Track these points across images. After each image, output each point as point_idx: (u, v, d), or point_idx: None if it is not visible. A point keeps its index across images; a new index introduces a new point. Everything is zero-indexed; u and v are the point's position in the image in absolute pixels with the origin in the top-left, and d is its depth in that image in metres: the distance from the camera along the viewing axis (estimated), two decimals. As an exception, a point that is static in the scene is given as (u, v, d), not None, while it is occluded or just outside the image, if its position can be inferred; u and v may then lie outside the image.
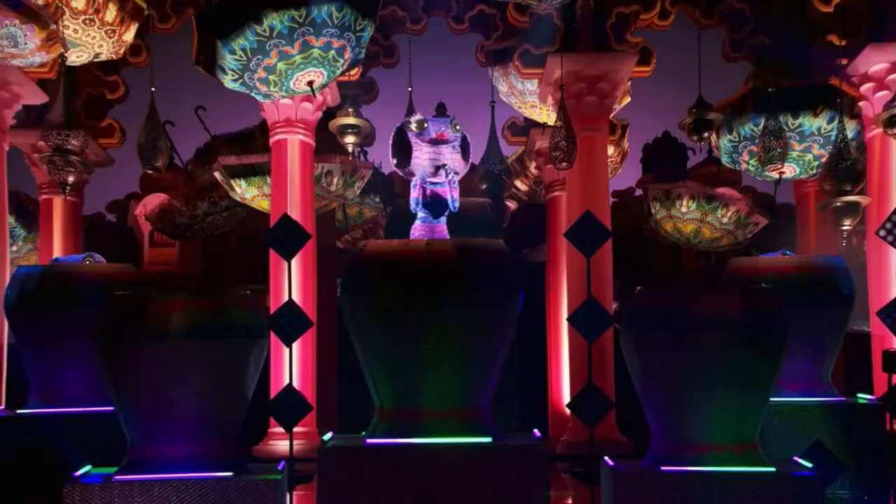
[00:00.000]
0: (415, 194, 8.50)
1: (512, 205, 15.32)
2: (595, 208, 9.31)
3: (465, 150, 8.77)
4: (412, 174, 8.53)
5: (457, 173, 8.82)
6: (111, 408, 7.64)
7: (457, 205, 8.66)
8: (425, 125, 8.47)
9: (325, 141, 11.86)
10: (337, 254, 13.55)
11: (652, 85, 12.22)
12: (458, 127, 8.72)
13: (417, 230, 8.57)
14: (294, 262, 8.00)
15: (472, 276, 7.86)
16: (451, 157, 8.60)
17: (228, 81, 8.47)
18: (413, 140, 8.45)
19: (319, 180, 11.42)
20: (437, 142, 8.58)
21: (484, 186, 13.18)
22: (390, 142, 8.51)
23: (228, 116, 13.25)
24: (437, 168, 8.56)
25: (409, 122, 8.52)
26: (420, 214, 8.62)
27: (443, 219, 8.65)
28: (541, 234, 14.45)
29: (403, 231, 8.71)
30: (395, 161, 8.61)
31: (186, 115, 12.29)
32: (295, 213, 10.58)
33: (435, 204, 8.45)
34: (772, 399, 7.68)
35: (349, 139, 11.72)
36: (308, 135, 11.24)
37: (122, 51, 9.96)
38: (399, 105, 11.95)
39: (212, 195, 12.01)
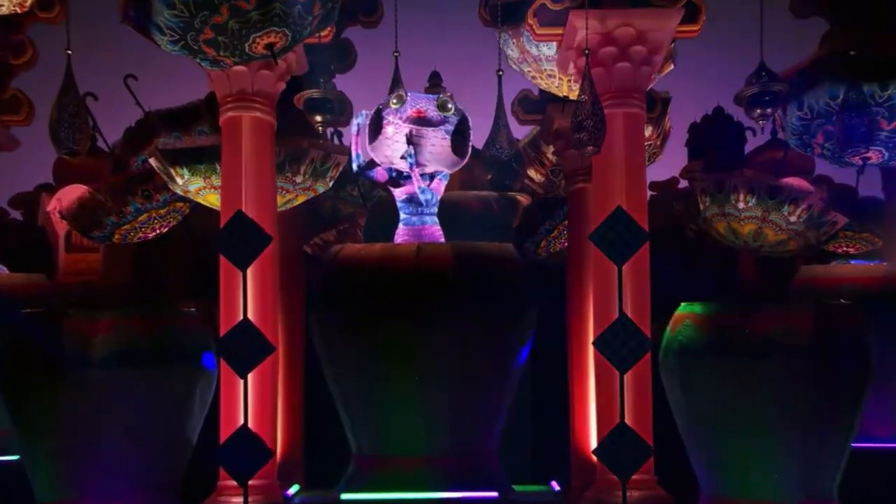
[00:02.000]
0: (379, 173, 8.60)
1: (524, 199, 15.35)
2: (629, 204, 9.33)
3: (460, 136, 8.81)
4: (388, 160, 8.61)
5: (442, 168, 8.92)
6: (14, 456, 7.63)
7: (429, 197, 8.75)
8: (405, 100, 8.58)
9: (289, 119, 11.90)
10: (305, 261, 13.57)
11: (701, 48, 12.26)
12: (449, 106, 8.79)
13: (403, 232, 8.63)
14: (250, 271, 8.01)
15: (474, 289, 7.91)
16: (438, 143, 8.67)
17: (167, 44, 8.51)
18: (391, 119, 8.53)
19: (283, 169, 11.43)
20: (415, 121, 8.65)
21: (489, 176, 13.20)
22: (367, 122, 8.62)
23: (167, 88, 13.27)
24: (407, 152, 8.68)
25: (389, 100, 8.63)
26: (402, 214, 8.68)
27: (432, 218, 8.72)
28: (560, 235, 14.47)
29: (387, 233, 8.76)
30: (367, 142, 8.75)
31: (113, 85, 12.31)
32: (251, 210, 10.56)
33: (411, 201, 8.54)
34: (853, 444, 7.71)
35: (319, 117, 11.74)
36: (268, 111, 11.26)
37: (28, 2, 9.96)
38: (382, 74, 11.99)
39: (146, 187, 12.02)
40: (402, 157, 8.59)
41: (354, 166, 8.80)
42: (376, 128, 8.66)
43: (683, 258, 13.92)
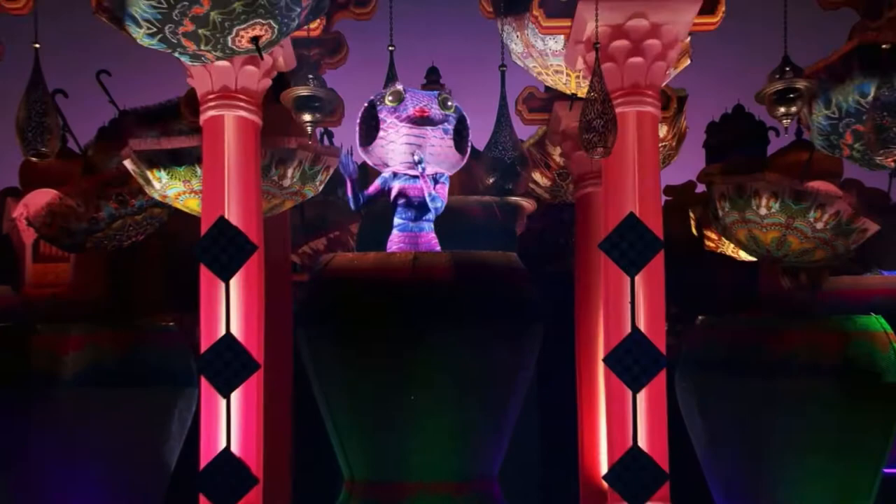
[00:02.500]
0: (373, 189, 8.62)
1: (529, 205, 15.37)
2: (642, 209, 9.36)
3: (460, 135, 8.85)
4: (382, 162, 8.63)
5: (439, 165, 8.93)
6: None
7: (440, 205, 8.78)
8: (403, 97, 8.58)
9: (275, 118, 11.93)
10: (293, 271, 13.58)
11: (720, 42, 12.30)
12: (449, 103, 8.82)
13: (397, 240, 8.65)
14: (234, 282, 8.05)
15: (476, 302, 7.93)
16: (438, 143, 8.70)
17: (143, 37, 8.53)
18: (387, 118, 8.55)
19: (269, 172, 11.46)
20: (417, 121, 8.68)
21: (491, 180, 13.23)
22: (358, 121, 8.66)
23: (143, 85, 13.31)
24: (416, 158, 8.70)
25: (384, 95, 8.63)
26: (397, 219, 8.71)
27: (429, 224, 8.74)
28: (567, 244, 14.49)
29: (382, 240, 8.79)
30: (359, 143, 8.78)
31: (85, 81, 12.35)
32: (235, 216, 10.62)
33: (409, 206, 8.57)
34: (885, 470, 7.72)
35: (308, 116, 11.77)
36: (252, 110, 11.29)
37: (-10, -10, 9.99)
38: (376, 70, 12.02)
39: (120, 191, 12.02)
40: (409, 162, 8.62)
41: (353, 207, 8.86)
42: (370, 128, 8.69)
43: (700, 268, 13.94)
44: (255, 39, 8.59)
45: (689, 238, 12.67)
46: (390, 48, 11.92)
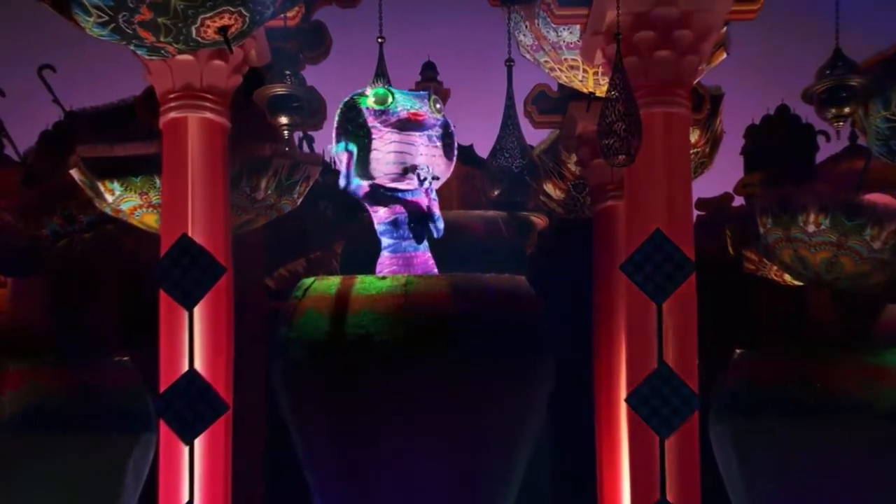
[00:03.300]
0: (375, 211, 8.61)
1: (540, 221, 15.41)
2: (670, 226, 9.37)
3: (447, 142, 8.89)
4: (367, 174, 8.64)
5: (436, 178, 8.95)
6: None
7: (442, 227, 8.80)
8: (390, 100, 8.60)
9: (247, 121, 11.96)
10: (267, 298, 13.59)
11: (761, 33, 12.35)
12: (439, 105, 8.86)
13: (388, 263, 8.66)
14: (199, 310, 8.06)
15: (477, 333, 7.94)
16: (426, 150, 8.74)
17: (93, 26, 8.55)
18: (371, 123, 8.58)
19: (239, 183, 11.49)
20: (408, 126, 8.69)
21: (496, 192, 13.25)
22: (335, 122, 8.68)
23: (93, 82, 13.36)
24: (406, 169, 8.70)
25: (365, 94, 8.65)
26: (386, 240, 8.73)
27: (425, 244, 8.77)
28: (584, 265, 14.52)
29: (370, 262, 8.80)
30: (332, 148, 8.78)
31: (25, 78, 12.38)
32: (200, 233, 10.63)
33: (418, 224, 8.59)
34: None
35: (285, 118, 11.80)
36: (220, 111, 11.32)
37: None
38: (363, 65, 12.06)
39: (66, 205, 12.06)
40: (395, 174, 8.63)
41: (343, 182, 8.83)
42: (349, 133, 8.72)
43: (739, 294, 13.95)
44: (223, 30, 8.63)
45: (726, 259, 12.70)
46: (379, 40, 11.95)
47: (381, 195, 9.02)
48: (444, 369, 7.92)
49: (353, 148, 8.90)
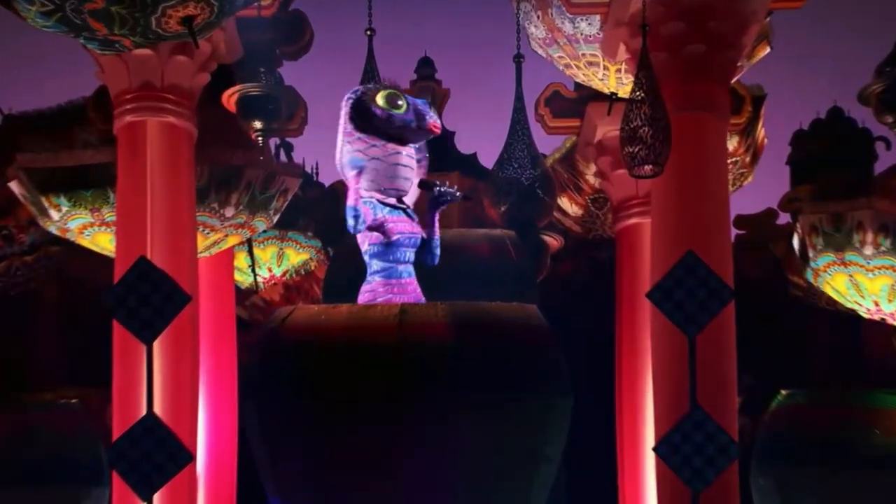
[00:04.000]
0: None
1: (554, 241, 15.40)
2: (705, 247, 9.36)
3: (420, 159, 8.92)
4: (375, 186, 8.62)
5: (467, 197, 8.96)
6: None
7: (437, 252, 8.81)
8: (402, 103, 8.57)
9: (216, 126, 11.96)
10: (238, 330, 13.58)
11: (810, 24, 12.37)
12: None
13: (382, 290, 8.64)
14: (158, 345, 8.04)
15: (482, 370, 7.91)
16: (413, 162, 8.77)
17: (36, 16, 8.53)
18: (384, 127, 8.58)
19: (206, 197, 11.48)
20: (415, 136, 8.71)
21: (503, 208, 13.26)
22: (346, 113, 8.57)
23: (36, 80, 13.35)
24: (422, 185, 8.72)
25: (373, 92, 8.62)
26: (378, 264, 8.71)
27: (412, 271, 8.76)
28: (605, 292, 14.51)
29: (358, 288, 8.79)
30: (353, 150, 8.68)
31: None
32: (161, 256, 10.61)
33: (396, 245, 8.55)
34: None
35: (259, 122, 11.80)
36: (184, 114, 11.32)
37: None
38: (349, 61, 12.09)
39: (4, 224, 12.05)
40: (396, 190, 8.61)
41: (352, 224, 8.75)
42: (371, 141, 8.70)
43: (785, 325, 13.94)
44: (187, 20, 8.61)
45: (769, 285, 12.68)
46: (368, 32, 11.98)
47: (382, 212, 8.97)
48: (446, 413, 7.88)
49: (362, 163, 8.81)
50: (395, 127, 8.59)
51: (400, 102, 8.63)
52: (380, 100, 8.61)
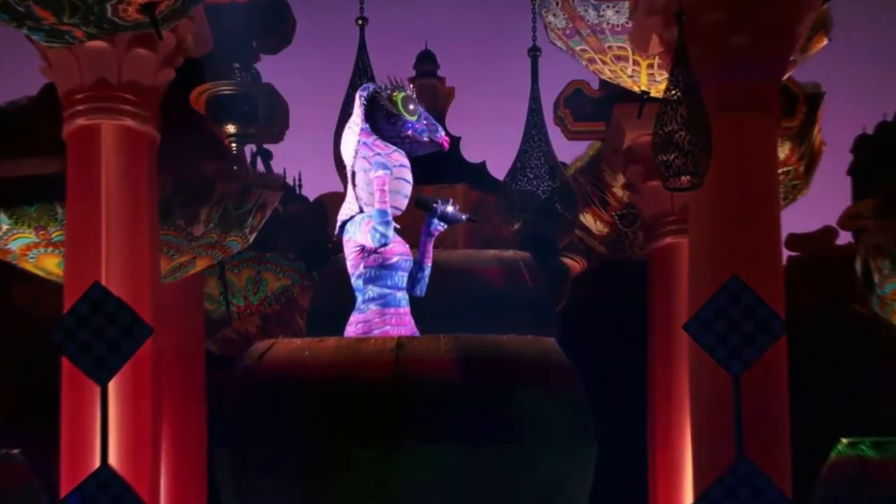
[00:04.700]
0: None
1: (576, 263, 15.42)
2: (752, 271, 9.35)
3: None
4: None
5: (472, 218, 8.97)
6: None
7: (426, 282, 8.80)
8: (414, 108, 8.57)
9: (183, 130, 11.97)
10: (208, 367, 13.59)
11: (874, 13, 12.38)
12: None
13: (378, 321, 8.63)
14: (115, 385, 8.03)
15: (492, 413, 7.91)
16: (409, 175, 8.76)
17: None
18: (389, 132, 8.57)
19: (171, 213, 11.49)
20: (426, 147, 8.72)
21: (517, 226, 13.27)
22: (359, 109, 8.54)
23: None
24: (421, 203, 8.70)
25: (389, 90, 8.60)
26: (373, 290, 8.70)
27: (406, 299, 8.76)
28: (635, 324, 14.51)
29: (343, 319, 8.80)
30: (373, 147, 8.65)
31: None
32: (117, 281, 10.62)
33: (394, 269, 8.56)
34: None
35: (233, 126, 11.80)
36: (145, 117, 11.34)
37: None
38: (338, 56, 12.11)
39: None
40: (426, 207, 8.61)
41: (381, 234, 8.70)
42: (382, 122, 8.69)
43: (846, 362, 13.94)
44: (148, 7, 8.61)
45: (827, 315, 12.69)
46: (359, 22, 12.00)
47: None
48: (448, 463, 7.88)
49: (387, 170, 8.76)
50: (403, 135, 8.58)
51: (413, 107, 8.62)
52: (397, 99, 8.59)
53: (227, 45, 12.06)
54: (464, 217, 8.91)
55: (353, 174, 8.70)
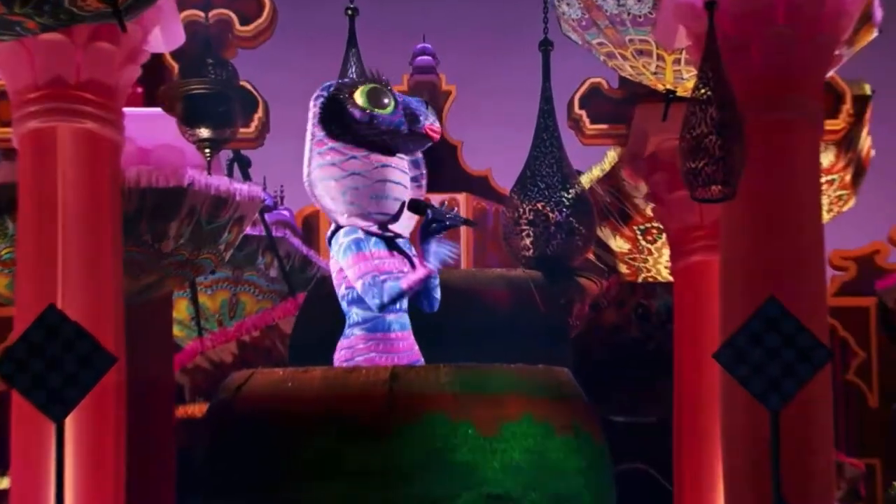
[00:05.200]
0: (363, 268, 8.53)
1: (593, 284, 15.41)
2: (791, 292, 9.35)
3: (416, 175, 8.88)
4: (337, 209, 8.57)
5: (471, 222, 8.88)
6: None
7: (438, 295, 8.76)
8: (388, 101, 8.54)
9: (150, 134, 11.96)
10: (178, 401, 13.57)
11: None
12: (433, 119, 8.84)
13: (362, 347, 8.62)
14: (73, 422, 8.00)
15: (501, 460, 7.89)
16: (407, 179, 8.73)
17: None
18: (361, 128, 8.54)
19: (136, 227, 11.48)
20: (408, 145, 8.68)
21: (527, 242, 13.26)
22: (315, 114, 8.55)
23: None
24: (416, 206, 8.67)
25: (350, 88, 8.60)
26: (359, 313, 8.68)
27: (407, 322, 8.73)
28: (658, 352, 14.49)
29: (330, 347, 8.78)
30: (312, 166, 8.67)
31: None
32: (76, 304, 10.59)
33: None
34: None
35: (206, 130, 11.80)
36: (108, 119, 11.32)
37: None
38: (325, 49, 12.10)
39: None
40: (382, 215, 8.59)
41: (376, 306, 8.72)
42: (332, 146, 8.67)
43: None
44: (111, -5, 8.61)
45: (878, 343, 12.71)
46: (349, 12, 12.00)
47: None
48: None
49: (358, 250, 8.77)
50: (379, 132, 8.54)
51: (386, 100, 8.57)
52: (360, 97, 8.55)
53: (200, 39, 12.04)
54: (460, 218, 8.89)
55: (313, 193, 8.71)
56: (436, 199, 12.41)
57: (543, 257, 13.44)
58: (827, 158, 12.53)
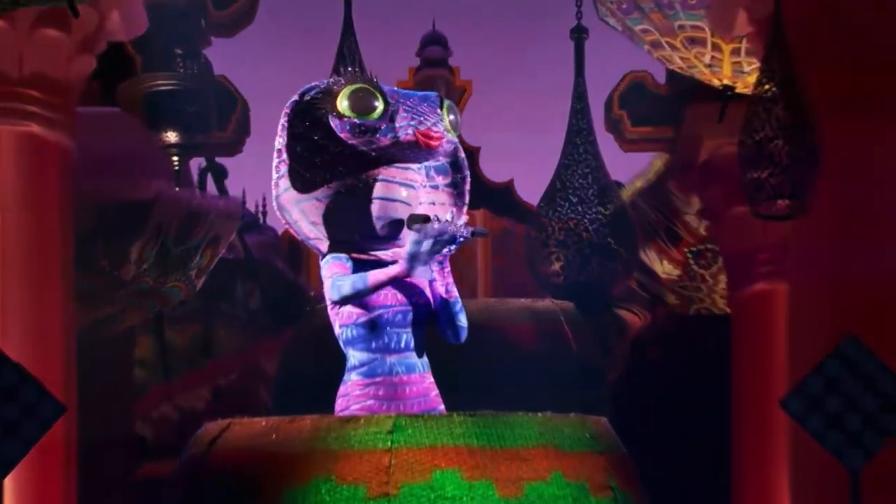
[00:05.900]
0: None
1: (635, 317, 15.40)
2: (876, 327, 9.29)
3: (457, 181, 8.77)
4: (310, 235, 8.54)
5: (482, 233, 8.84)
6: None
7: (464, 323, 8.68)
8: (378, 105, 8.46)
9: (108, 138, 11.95)
10: (143, 454, 13.57)
11: None
12: (452, 118, 8.75)
13: (358, 393, 8.58)
14: (14, 481, 7.96)
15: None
16: (427, 196, 8.63)
17: None
18: (348, 138, 8.46)
19: (89, 250, 11.45)
20: (407, 154, 8.58)
21: (557, 267, 13.25)
22: (283, 126, 8.51)
23: None
24: (416, 220, 8.58)
25: (331, 90, 8.51)
26: (358, 354, 8.64)
27: (425, 361, 8.68)
28: (713, 396, 14.49)
29: (321, 391, 8.74)
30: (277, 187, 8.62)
31: None
32: (19, 342, 10.55)
33: (391, 324, 8.46)
34: None
35: (174, 134, 11.79)
36: (57, 120, 11.31)
37: None
38: (318, 41, 12.09)
39: None
40: (375, 238, 8.54)
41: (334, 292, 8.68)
42: (304, 158, 8.61)
43: None
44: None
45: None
46: (345, -4, 12.00)
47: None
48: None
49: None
50: (367, 142, 8.45)
51: (375, 104, 8.43)
52: (343, 102, 8.43)
53: (167, 26, 12.03)
54: (467, 231, 8.71)
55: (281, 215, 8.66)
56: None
57: (576, 285, 13.42)
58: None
